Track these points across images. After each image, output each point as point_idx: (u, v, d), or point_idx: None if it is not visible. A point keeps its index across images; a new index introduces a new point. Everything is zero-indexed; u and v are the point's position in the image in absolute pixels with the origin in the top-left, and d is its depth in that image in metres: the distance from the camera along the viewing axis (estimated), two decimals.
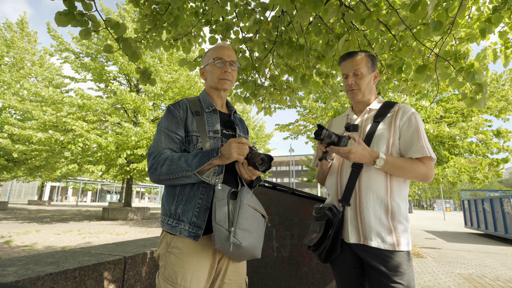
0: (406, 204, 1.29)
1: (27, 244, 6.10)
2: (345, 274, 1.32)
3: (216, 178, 1.14)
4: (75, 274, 1.58)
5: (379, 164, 1.22)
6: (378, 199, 1.24)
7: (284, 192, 2.54)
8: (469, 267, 5.40)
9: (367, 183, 1.26)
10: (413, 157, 1.25)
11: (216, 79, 1.29)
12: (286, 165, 57.47)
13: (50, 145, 11.42)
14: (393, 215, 1.23)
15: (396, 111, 1.34)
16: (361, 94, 1.39)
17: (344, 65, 1.42)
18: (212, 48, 1.35)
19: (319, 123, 1.24)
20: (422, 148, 1.23)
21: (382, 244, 1.20)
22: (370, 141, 1.31)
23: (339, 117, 1.55)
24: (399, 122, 1.31)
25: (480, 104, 1.83)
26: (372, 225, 1.22)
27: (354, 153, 1.21)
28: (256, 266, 2.17)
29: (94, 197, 52.68)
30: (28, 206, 24.24)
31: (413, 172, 1.23)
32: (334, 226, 1.26)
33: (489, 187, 57.36)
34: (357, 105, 1.46)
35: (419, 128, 1.28)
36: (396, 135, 1.30)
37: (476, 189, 17.60)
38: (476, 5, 2.19)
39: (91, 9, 1.77)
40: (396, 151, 1.30)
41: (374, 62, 1.41)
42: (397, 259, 1.18)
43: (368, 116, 1.40)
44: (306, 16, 1.89)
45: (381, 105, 1.40)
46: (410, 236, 1.26)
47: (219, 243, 1.02)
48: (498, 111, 7.30)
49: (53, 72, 16.31)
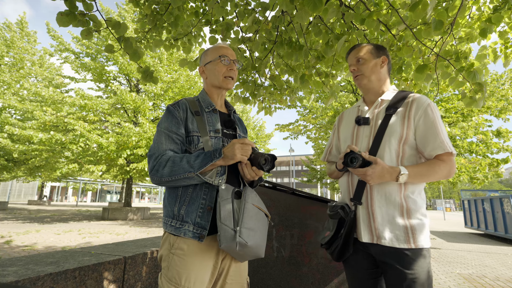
0: (422, 198, 1.22)
1: (27, 244, 6.10)
2: (358, 275, 1.28)
3: (219, 179, 1.13)
4: (75, 274, 1.58)
5: (402, 180, 1.14)
6: (391, 196, 1.18)
7: (284, 192, 2.54)
8: (469, 267, 5.40)
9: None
10: (432, 154, 1.18)
11: (221, 77, 1.28)
12: (286, 165, 57.48)
13: (50, 145, 11.42)
14: (408, 212, 1.16)
15: (410, 103, 1.24)
16: (366, 79, 1.33)
17: (349, 57, 1.40)
18: (213, 47, 1.33)
19: (351, 151, 1.16)
20: (442, 143, 1.16)
21: (396, 243, 1.14)
22: (381, 137, 1.22)
23: (350, 108, 1.47)
24: (413, 115, 1.21)
25: (479, 104, 1.83)
26: (385, 223, 1.17)
27: (370, 175, 1.13)
28: (256, 266, 2.17)
29: (94, 197, 52.69)
30: (28, 206, 24.24)
31: (436, 175, 1.17)
32: (346, 225, 1.22)
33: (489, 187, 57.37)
34: (368, 95, 1.38)
35: (437, 121, 1.18)
36: (410, 130, 1.20)
37: (476, 189, 17.61)
38: (476, 5, 2.19)
39: (92, 9, 1.77)
40: (411, 147, 1.22)
41: (380, 50, 1.35)
42: (413, 256, 1.12)
43: (380, 107, 1.31)
44: (306, 17, 1.89)
45: (393, 95, 1.31)
46: (429, 232, 1.19)
47: (225, 243, 1.02)
48: (498, 111, 7.31)
49: (53, 72, 16.32)
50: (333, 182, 16.33)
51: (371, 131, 1.27)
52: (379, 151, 1.22)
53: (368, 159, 1.15)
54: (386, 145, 1.21)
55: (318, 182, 18.07)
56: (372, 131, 1.27)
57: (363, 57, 1.33)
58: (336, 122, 1.52)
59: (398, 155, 1.20)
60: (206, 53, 1.34)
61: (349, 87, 9.03)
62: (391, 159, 1.20)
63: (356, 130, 1.33)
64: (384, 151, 1.21)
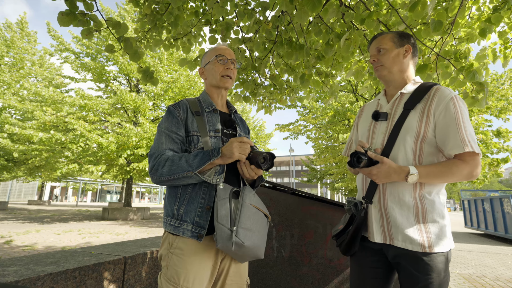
0: (441, 198, 1.14)
1: (27, 244, 6.10)
2: (362, 270, 1.23)
3: (218, 177, 1.13)
4: (75, 274, 1.58)
5: (411, 180, 1.06)
6: (404, 197, 1.11)
7: (284, 192, 2.54)
8: (469, 267, 5.40)
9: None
10: (451, 153, 1.07)
11: (218, 76, 1.29)
12: (286, 165, 57.46)
13: (50, 145, 11.42)
14: (424, 214, 1.09)
15: (431, 96, 1.13)
16: (386, 70, 1.23)
17: (371, 48, 1.30)
18: (212, 48, 1.37)
19: (357, 150, 1.13)
20: (462, 141, 1.04)
21: (410, 246, 1.07)
22: (397, 134, 1.14)
23: (372, 101, 1.39)
24: (434, 110, 1.11)
25: (481, 103, 1.83)
26: (399, 225, 1.10)
27: (376, 174, 1.09)
28: (256, 266, 2.17)
29: (94, 197, 52.68)
30: (28, 206, 24.24)
31: (454, 177, 1.07)
32: (355, 222, 1.18)
33: (489, 187, 57.32)
34: (389, 88, 1.28)
35: (460, 116, 1.07)
36: (429, 126, 1.11)
37: (476, 189, 17.62)
38: (476, 5, 2.19)
39: (93, 9, 1.77)
40: (431, 145, 1.12)
41: (404, 38, 1.25)
42: (428, 261, 1.05)
43: (399, 102, 1.21)
44: (305, 17, 1.89)
45: (415, 88, 1.21)
46: (451, 235, 1.12)
47: (221, 243, 1.02)
48: (498, 111, 7.31)
49: (53, 72, 16.31)
50: (333, 182, 16.31)
51: (387, 127, 1.20)
52: (393, 149, 1.15)
53: (374, 158, 1.10)
54: (401, 143, 1.14)
55: (318, 182, 18.08)
56: (388, 127, 1.19)
57: (384, 47, 1.23)
58: (357, 115, 1.46)
59: (415, 153, 1.13)
60: (206, 55, 1.37)
61: (349, 87, 9.03)
62: (407, 157, 1.13)
63: (373, 126, 1.26)
64: (399, 149, 1.14)
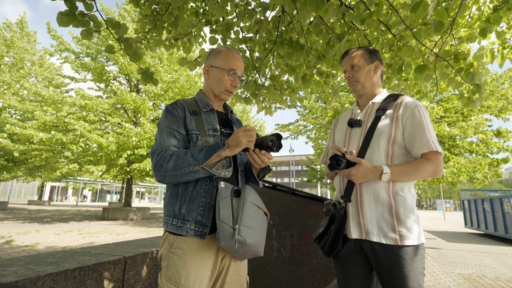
0: (412, 195, 1.25)
1: (27, 244, 6.10)
2: (347, 272, 1.30)
3: (226, 171, 1.14)
4: (75, 274, 1.58)
5: (385, 178, 1.19)
6: (379, 194, 1.22)
7: (284, 192, 2.54)
8: (469, 267, 5.40)
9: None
10: (418, 153, 1.22)
11: (223, 89, 1.29)
12: (286, 165, 57.46)
13: (50, 145, 11.42)
14: (397, 209, 1.20)
15: (399, 104, 1.30)
16: (360, 85, 1.39)
17: (343, 63, 1.45)
18: (227, 54, 1.29)
19: (335, 154, 1.24)
20: (427, 142, 1.19)
21: (383, 239, 1.18)
22: (371, 138, 1.28)
23: (345, 112, 1.53)
24: (402, 115, 1.26)
25: (476, 104, 1.84)
26: (374, 220, 1.21)
27: (354, 175, 1.20)
28: (256, 266, 2.17)
29: (94, 197, 52.67)
30: (28, 206, 24.24)
31: (421, 174, 1.20)
32: (336, 221, 1.26)
33: (489, 187, 57.38)
34: (361, 99, 1.44)
35: (424, 121, 1.23)
36: (398, 130, 1.26)
37: (476, 189, 17.61)
38: (476, 5, 2.19)
39: (92, 9, 1.77)
40: (400, 147, 1.26)
41: (373, 54, 1.40)
42: (402, 254, 1.15)
43: (371, 110, 1.37)
44: (308, 16, 1.89)
45: (383, 98, 1.37)
46: (421, 229, 1.23)
47: (224, 241, 1.02)
48: (498, 111, 7.30)
49: (53, 72, 16.30)
50: (333, 182, 16.31)
51: (362, 132, 1.33)
52: (368, 151, 1.27)
53: (352, 160, 1.22)
54: (375, 145, 1.26)
55: (318, 182, 18.06)
56: (362, 132, 1.33)
57: (357, 64, 1.38)
58: (332, 125, 1.59)
59: (387, 154, 1.26)
60: (218, 56, 1.30)
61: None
62: (380, 158, 1.25)
63: (348, 132, 1.40)
64: (373, 151, 1.26)
